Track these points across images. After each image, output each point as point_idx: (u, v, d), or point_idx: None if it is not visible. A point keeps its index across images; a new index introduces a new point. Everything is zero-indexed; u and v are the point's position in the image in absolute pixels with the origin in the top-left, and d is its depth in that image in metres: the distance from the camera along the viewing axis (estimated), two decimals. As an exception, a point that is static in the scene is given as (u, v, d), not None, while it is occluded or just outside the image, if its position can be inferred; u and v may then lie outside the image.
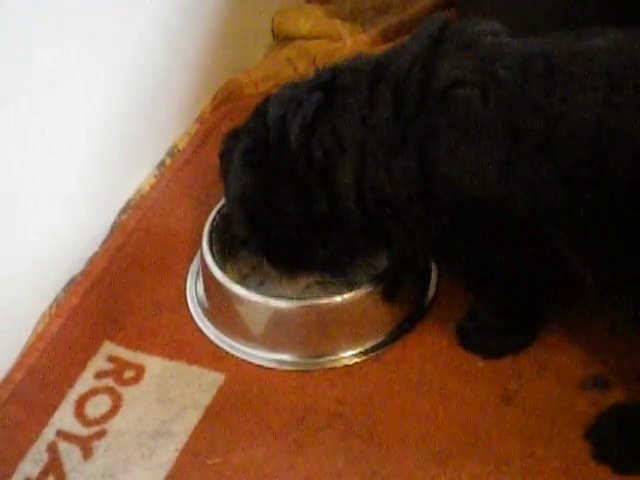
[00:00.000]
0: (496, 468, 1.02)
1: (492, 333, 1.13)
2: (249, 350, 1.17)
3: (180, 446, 1.07)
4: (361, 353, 1.15)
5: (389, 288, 1.15)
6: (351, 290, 1.13)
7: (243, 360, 1.16)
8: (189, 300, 1.23)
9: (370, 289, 1.13)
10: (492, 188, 0.95)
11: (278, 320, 1.14)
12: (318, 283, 1.21)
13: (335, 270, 1.19)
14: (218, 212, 1.22)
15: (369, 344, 1.15)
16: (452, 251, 1.05)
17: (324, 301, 1.13)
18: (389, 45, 1.52)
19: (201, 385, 1.14)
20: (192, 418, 1.10)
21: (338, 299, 1.12)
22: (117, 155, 1.32)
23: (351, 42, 1.55)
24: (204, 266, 1.19)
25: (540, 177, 0.92)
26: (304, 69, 1.52)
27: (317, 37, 1.59)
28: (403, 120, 0.98)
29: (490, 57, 0.96)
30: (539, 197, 0.93)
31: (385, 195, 1.01)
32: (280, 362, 1.15)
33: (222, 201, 1.21)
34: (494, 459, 1.02)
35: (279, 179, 1.06)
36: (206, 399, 1.12)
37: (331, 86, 1.04)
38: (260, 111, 1.11)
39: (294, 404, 1.11)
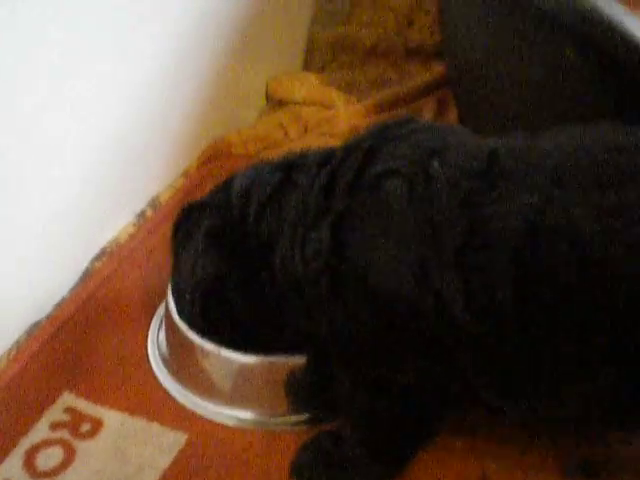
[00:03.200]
0: None
1: (344, 469, 1.02)
2: (211, 407, 1.11)
3: (134, 508, 1.01)
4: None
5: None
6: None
7: (206, 419, 1.10)
8: (150, 353, 1.18)
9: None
10: (401, 288, 0.88)
11: (242, 375, 1.09)
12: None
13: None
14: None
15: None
16: (349, 344, 0.96)
17: (290, 358, 1.07)
18: (383, 117, 1.51)
19: (161, 445, 1.07)
20: (149, 479, 1.04)
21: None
22: (96, 201, 1.29)
23: (344, 111, 1.54)
24: (168, 319, 1.14)
25: (449, 289, 0.86)
26: (295, 134, 1.51)
27: (311, 104, 1.58)
28: (329, 201, 0.94)
29: (432, 151, 0.92)
30: (446, 311, 0.87)
31: (295, 270, 0.95)
32: (243, 421, 1.10)
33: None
34: None
35: (243, 263, 1.03)
36: (165, 461, 1.06)
37: (292, 166, 1.01)
38: (226, 186, 1.07)
39: (259, 474, 1.04)
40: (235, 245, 1.03)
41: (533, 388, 0.89)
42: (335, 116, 1.53)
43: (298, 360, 1.06)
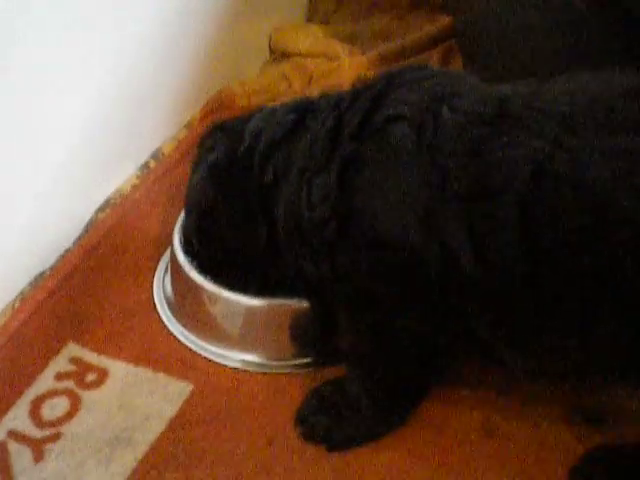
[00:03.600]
0: (471, 504, 0.97)
1: (348, 417, 1.03)
2: (217, 350, 1.12)
3: (140, 456, 1.01)
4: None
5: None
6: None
7: (212, 369, 1.10)
8: (157, 301, 1.18)
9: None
10: (406, 234, 0.88)
11: (248, 318, 1.09)
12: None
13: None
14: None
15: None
16: (352, 288, 0.96)
17: (295, 301, 1.07)
18: (387, 68, 1.50)
19: (166, 395, 1.08)
20: (155, 428, 1.04)
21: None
22: (100, 152, 1.28)
23: (349, 63, 1.52)
24: (174, 263, 1.14)
25: (455, 236, 0.86)
26: (299, 86, 1.50)
27: (315, 56, 1.56)
28: (336, 145, 0.93)
29: (442, 97, 0.91)
30: (451, 260, 0.86)
31: (300, 214, 0.95)
32: (249, 364, 1.10)
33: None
34: (470, 494, 0.97)
35: (235, 198, 1.03)
36: (171, 410, 1.06)
37: (306, 110, 1.00)
38: (244, 120, 1.07)
39: (265, 423, 1.05)
40: (234, 182, 1.03)
41: (538, 337, 0.89)
42: (339, 68, 1.52)
43: (303, 304, 1.06)
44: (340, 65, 1.53)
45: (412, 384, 1.04)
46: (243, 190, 1.02)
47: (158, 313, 1.17)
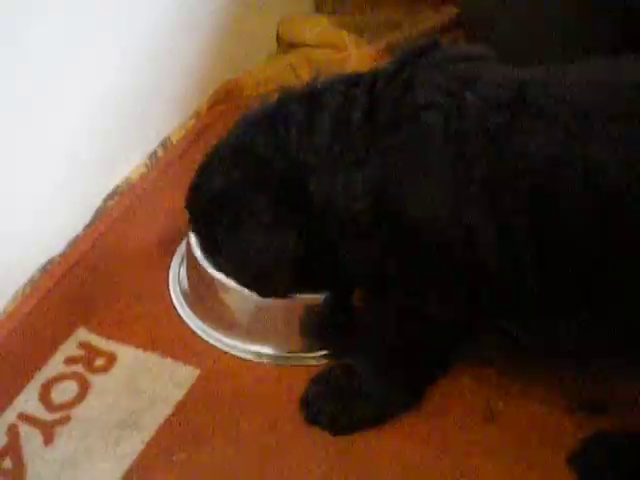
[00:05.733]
0: (469, 489, 0.99)
1: (354, 401, 1.04)
2: (228, 341, 1.13)
3: (147, 439, 1.03)
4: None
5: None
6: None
7: (219, 355, 1.12)
8: (172, 289, 1.20)
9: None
10: (436, 221, 0.91)
11: (261, 312, 1.10)
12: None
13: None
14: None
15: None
16: (382, 275, 0.98)
17: (308, 297, 1.08)
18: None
19: (173, 379, 1.10)
20: (162, 412, 1.06)
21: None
22: (109, 141, 1.29)
23: (356, 53, 1.53)
24: (190, 255, 1.15)
25: (475, 221, 0.89)
26: (306, 75, 1.50)
27: (322, 46, 1.57)
28: (373, 131, 0.94)
29: (466, 82, 0.93)
30: (474, 242, 0.90)
31: (336, 205, 0.95)
32: (258, 355, 1.12)
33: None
34: (470, 478, 0.99)
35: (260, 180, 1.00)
36: (178, 394, 1.08)
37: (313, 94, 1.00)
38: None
39: (269, 407, 1.07)
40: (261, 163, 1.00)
41: (546, 317, 0.92)
42: (346, 58, 1.53)
43: (315, 299, 1.08)
44: (347, 55, 1.54)
45: (424, 368, 1.06)
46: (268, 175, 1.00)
47: (167, 300, 1.19)
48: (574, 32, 1.27)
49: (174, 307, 1.18)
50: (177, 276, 1.21)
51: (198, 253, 1.13)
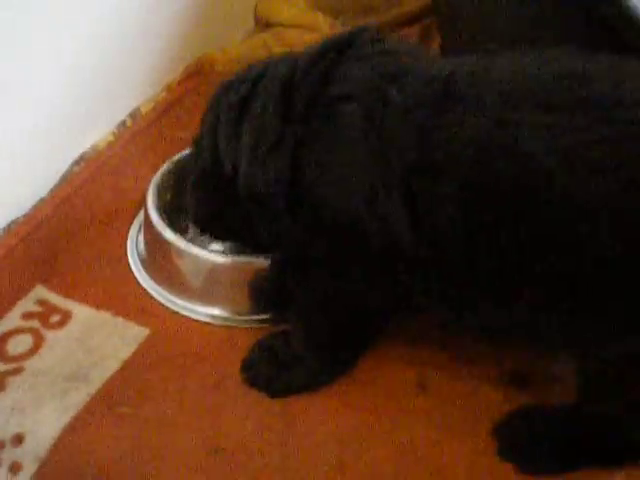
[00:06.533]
0: (397, 454, 1.02)
1: (290, 367, 1.09)
2: (179, 301, 1.18)
3: (92, 392, 1.08)
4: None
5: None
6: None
7: (170, 315, 1.17)
8: (129, 251, 1.25)
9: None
10: (352, 213, 0.92)
11: (212, 274, 1.16)
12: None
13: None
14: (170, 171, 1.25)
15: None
16: (303, 255, 1.01)
17: (256, 260, 1.14)
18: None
19: (124, 338, 1.15)
20: (110, 368, 1.11)
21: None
22: (78, 108, 1.33)
23: (328, 35, 1.56)
24: (147, 219, 1.20)
25: (394, 212, 0.90)
26: (279, 55, 1.53)
27: (296, 26, 1.61)
28: (286, 122, 0.95)
29: (390, 76, 0.93)
30: (389, 234, 0.91)
31: (256, 188, 0.98)
32: (208, 316, 1.17)
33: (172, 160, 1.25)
34: (396, 445, 1.03)
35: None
36: (126, 352, 1.13)
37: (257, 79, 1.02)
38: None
39: (215, 367, 1.12)
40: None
41: (473, 304, 0.94)
42: (318, 39, 1.55)
43: (264, 262, 1.12)
44: (320, 37, 1.57)
45: (353, 339, 1.11)
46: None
47: (125, 264, 1.24)
48: (544, 15, 1.28)
49: (131, 270, 1.23)
50: (135, 240, 1.26)
51: (154, 217, 1.18)
